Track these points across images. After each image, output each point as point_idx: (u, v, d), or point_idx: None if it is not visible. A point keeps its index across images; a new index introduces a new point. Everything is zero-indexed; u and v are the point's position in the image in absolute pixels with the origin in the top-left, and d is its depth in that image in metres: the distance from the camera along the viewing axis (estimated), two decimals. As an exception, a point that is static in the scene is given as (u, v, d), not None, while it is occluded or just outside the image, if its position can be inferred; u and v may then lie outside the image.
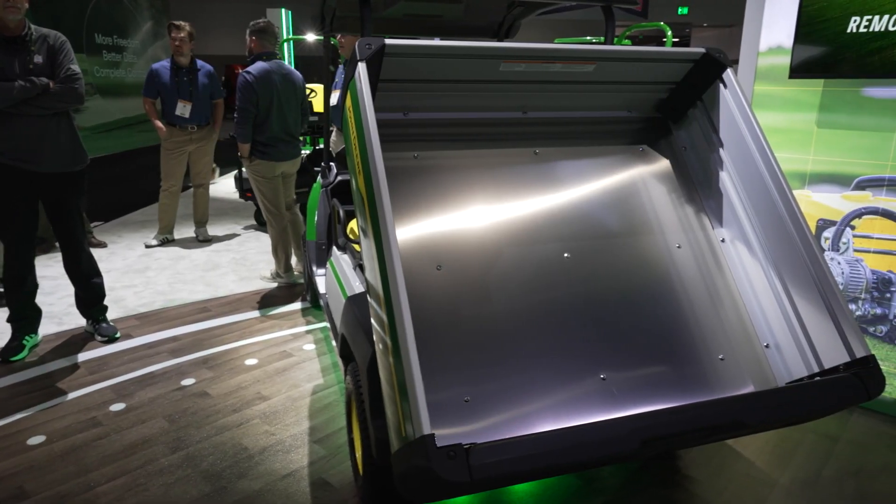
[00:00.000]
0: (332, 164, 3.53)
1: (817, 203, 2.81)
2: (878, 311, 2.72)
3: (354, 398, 2.06)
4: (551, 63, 1.92)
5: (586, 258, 1.92)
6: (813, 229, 2.82)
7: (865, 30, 2.49)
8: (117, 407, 2.78)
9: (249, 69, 3.94)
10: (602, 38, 2.66)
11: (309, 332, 3.61)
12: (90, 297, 3.43)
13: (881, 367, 1.61)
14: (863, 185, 2.69)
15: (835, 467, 2.38)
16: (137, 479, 2.27)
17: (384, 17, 3.02)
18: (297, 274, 4.46)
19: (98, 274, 3.43)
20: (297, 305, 4.02)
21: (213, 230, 5.86)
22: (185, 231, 5.77)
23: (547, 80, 2.00)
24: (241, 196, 6.19)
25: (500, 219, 1.92)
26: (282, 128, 4.10)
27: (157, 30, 7.88)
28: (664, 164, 2.17)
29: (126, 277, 4.54)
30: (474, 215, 1.90)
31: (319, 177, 3.70)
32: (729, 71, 2.01)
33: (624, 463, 2.36)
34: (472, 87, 1.98)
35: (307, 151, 6.44)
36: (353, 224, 3.08)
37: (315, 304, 3.98)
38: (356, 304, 2.11)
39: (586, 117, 2.19)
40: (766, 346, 1.89)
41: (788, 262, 1.83)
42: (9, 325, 3.30)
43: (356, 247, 2.78)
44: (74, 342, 3.45)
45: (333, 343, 3.04)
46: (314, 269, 3.59)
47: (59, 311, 3.86)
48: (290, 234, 4.31)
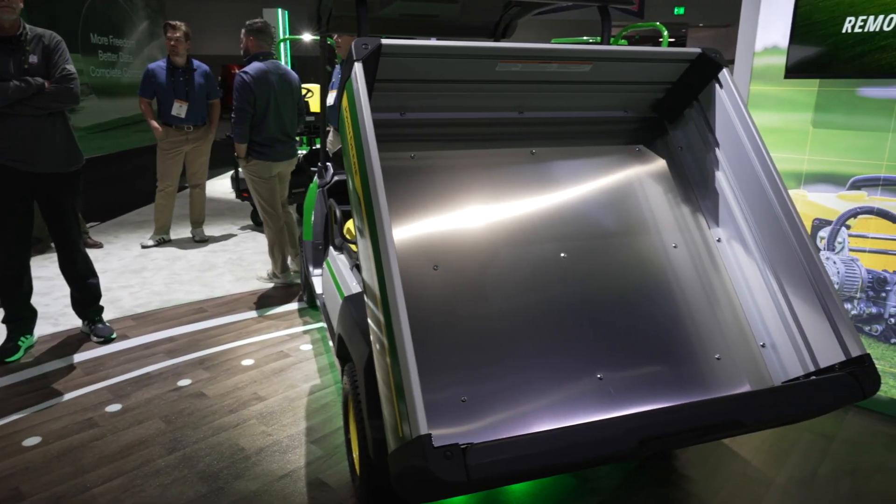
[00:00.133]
0: (328, 164, 3.53)
1: (813, 203, 2.82)
2: (874, 310, 2.73)
3: (351, 398, 2.06)
4: (548, 63, 1.92)
5: (583, 258, 1.92)
6: (809, 229, 2.83)
7: (860, 30, 2.50)
8: (113, 408, 2.77)
9: (246, 69, 3.93)
10: (598, 38, 2.67)
11: (306, 332, 3.61)
12: (86, 297, 3.42)
13: (876, 366, 1.62)
14: (858, 185, 2.70)
15: (830, 466, 2.39)
16: (134, 480, 2.27)
17: (380, 16, 3.02)
18: (293, 274, 4.46)
19: (94, 274, 3.43)
20: (293, 306, 4.01)
21: (210, 230, 5.85)
22: (182, 231, 5.75)
23: (543, 80, 2.00)
24: (237, 196, 6.18)
25: (497, 219, 1.92)
26: (278, 128, 4.09)
27: (152, 29, 7.86)
28: (660, 163, 2.18)
29: (122, 278, 4.53)
30: (471, 215, 1.90)
31: (316, 177, 3.69)
32: (725, 71, 2.01)
33: (621, 462, 2.36)
34: (469, 87, 1.98)
35: (304, 151, 6.43)
36: (349, 224, 3.07)
37: (312, 305, 3.97)
38: (353, 304, 2.11)
39: (583, 117, 2.19)
40: (763, 346, 1.89)
41: (784, 261, 1.83)
42: (4, 326, 3.29)
43: (353, 247, 2.78)
44: (70, 343, 3.44)
45: (330, 343, 3.04)
46: (311, 269, 3.59)
47: (54, 312, 3.85)
48: (286, 234, 4.30)
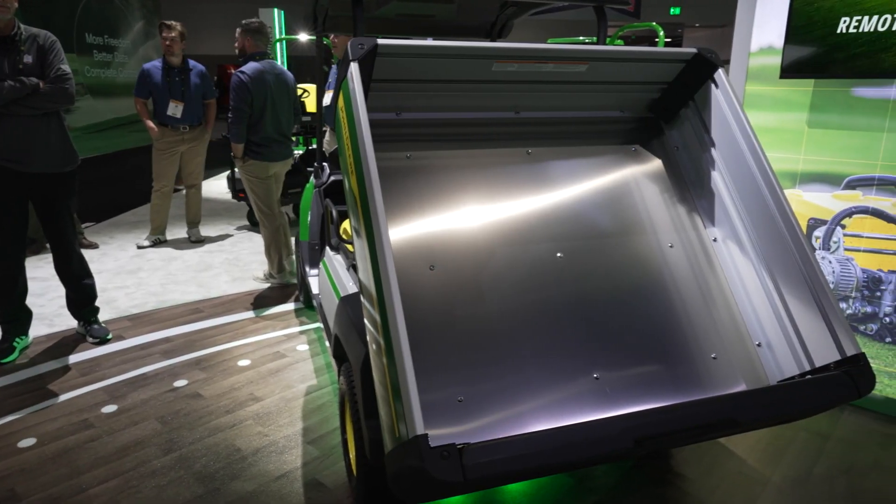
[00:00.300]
0: (325, 164, 3.53)
1: (808, 202, 2.83)
2: (869, 309, 2.74)
3: (348, 399, 2.06)
4: (544, 63, 1.92)
5: (579, 258, 1.92)
6: (804, 228, 2.84)
7: (855, 30, 2.51)
8: (109, 409, 2.76)
9: (243, 69, 3.93)
10: (595, 39, 2.67)
11: (302, 332, 3.60)
12: (81, 298, 3.41)
13: (871, 365, 1.62)
14: (853, 185, 2.70)
15: (826, 465, 2.40)
16: (130, 480, 2.26)
17: (377, 16, 3.02)
18: (289, 274, 4.45)
19: (89, 275, 3.41)
20: (290, 306, 4.01)
21: (206, 231, 5.84)
22: (178, 232, 5.74)
23: (539, 80, 2.01)
24: (233, 196, 6.17)
25: (493, 219, 1.92)
26: (275, 128, 4.09)
27: (148, 29, 7.84)
28: (656, 163, 2.18)
29: (118, 278, 4.52)
30: (467, 215, 1.91)
31: (312, 177, 3.69)
32: (720, 71, 2.02)
33: (617, 462, 2.37)
34: (465, 87, 1.98)
35: (300, 152, 6.43)
36: (346, 224, 3.07)
37: (308, 305, 3.97)
38: (349, 304, 2.11)
39: (579, 117, 2.19)
40: (758, 345, 1.90)
41: (780, 261, 1.84)
42: (-1, 327, 3.28)
43: (349, 247, 2.78)
44: (66, 344, 3.43)
45: (327, 343, 3.04)
46: (307, 269, 3.58)
47: (49, 313, 3.84)
48: (282, 234, 4.30)
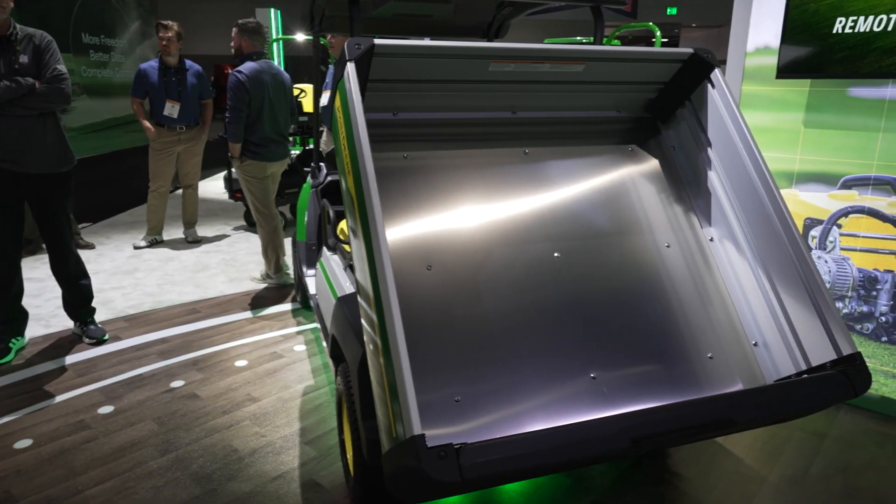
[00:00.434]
0: (322, 164, 3.52)
1: (804, 202, 2.84)
2: (865, 308, 2.75)
3: (345, 399, 2.05)
4: (540, 63, 1.92)
5: (576, 258, 1.92)
6: (800, 228, 2.85)
7: (851, 31, 2.51)
8: (106, 409, 2.75)
9: (240, 69, 3.92)
10: (591, 39, 2.67)
11: (299, 333, 3.60)
12: (78, 298, 3.41)
13: (867, 365, 1.63)
14: (849, 185, 2.71)
15: (822, 464, 2.40)
16: (126, 482, 2.26)
17: (373, 16, 3.02)
18: (286, 275, 4.45)
19: (86, 275, 3.41)
20: (287, 306, 4.00)
21: (203, 231, 5.83)
22: (174, 232, 5.73)
23: (536, 80, 2.01)
24: (230, 197, 6.16)
25: (490, 219, 1.92)
26: (273, 128, 4.09)
27: (144, 29, 7.83)
28: (653, 163, 2.18)
29: (114, 279, 4.51)
30: (464, 215, 1.91)
31: (309, 177, 3.69)
32: (717, 71, 2.02)
33: (614, 461, 2.37)
34: (462, 87, 1.98)
35: (297, 152, 6.42)
36: (343, 224, 3.07)
37: (305, 305, 3.96)
38: (346, 304, 2.11)
39: (576, 117, 2.19)
40: (755, 345, 1.90)
41: (776, 260, 1.84)
42: (-5, 328, 3.27)
43: (346, 247, 2.77)
44: (62, 344, 3.42)
45: (324, 344, 3.03)
46: (304, 269, 3.58)
47: (46, 313, 3.83)
48: (280, 234, 4.29)
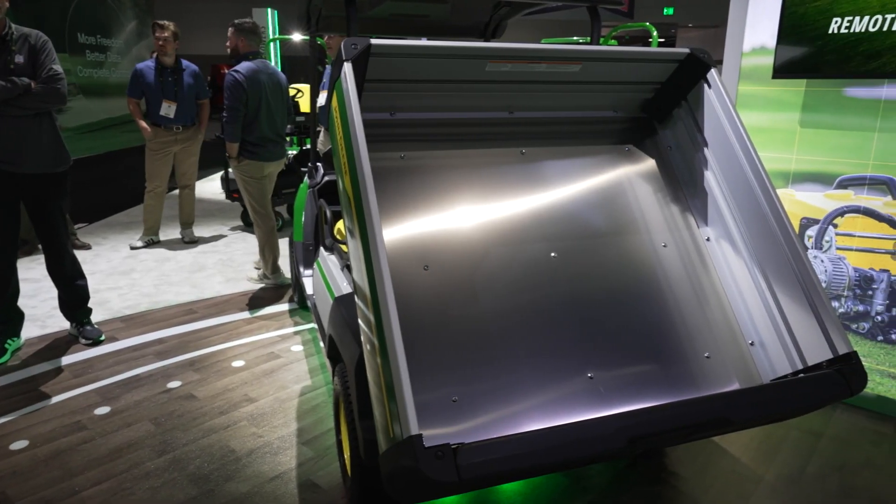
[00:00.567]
0: (319, 164, 3.52)
1: (800, 202, 2.85)
2: (861, 308, 2.76)
3: (342, 399, 2.05)
4: (537, 63, 1.92)
5: (573, 258, 1.93)
6: (796, 228, 2.85)
7: (847, 31, 2.52)
8: (102, 410, 2.75)
9: (237, 68, 3.92)
10: (588, 39, 2.68)
11: (296, 333, 3.59)
12: (74, 299, 3.40)
13: (863, 364, 1.63)
14: (845, 184, 2.72)
15: (818, 463, 2.41)
16: (123, 483, 2.25)
17: (370, 16, 3.02)
18: (283, 275, 4.44)
19: (82, 276, 3.40)
20: (284, 306, 4.00)
21: (200, 231, 5.82)
22: (171, 232, 5.72)
23: (533, 80, 2.01)
24: (227, 197, 6.15)
25: (487, 219, 1.92)
26: (271, 128, 4.09)
27: (141, 29, 7.81)
28: (650, 163, 2.19)
29: (111, 279, 4.50)
30: (461, 215, 1.91)
31: (306, 177, 3.68)
32: (713, 71, 2.03)
33: (611, 461, 2.37)
34: (459, 87, 1.98)
35: (294, 152, 6.41)
36: (340, 224, 3.07)
37: (302, 305, 3.96)
38: (344, 304, 2.11)
39: (572, 117, 2.20)
40: (751, 344, 1.91)
41: (772, 260, 1.84)
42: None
43: (343, 247, 2.77)
44: (58, 345, 3.41)
45: (321, 344, 3.03)
46: (301, 269, 3.58)
47: (42, 314, 3.81)
48: (276, 234, 4.29)
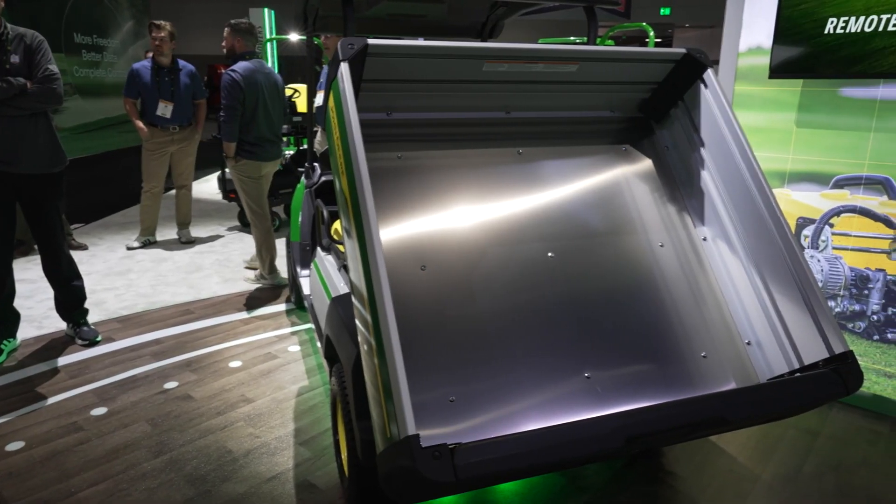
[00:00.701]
0: (316, 164, 3.52)
1: (797, 201, 2.85)
2: (857, 307, 2.77)
3: (340, 399, 2.05)
4: (534, 63, 1.92)
5: (570, 257, 1.93)
6: (793, 227, 2.86)
7: (842, 31, 2.53)
8: (99, 411, 2.74)
9: (234, 68, 3.92)
10: (585, 39, 2.68)
11: (294, 333, 3.59)
12: (70, 300, 3.39)
13: (859, 363, 1.64)
14: (841, 184, 2.73)
15: (815, 462, 2.42)
16: (120, 484, 2.25)
17: (367, 16, 3.01)
18: (280, 276, 4.44)
19: (78, 276, 3.39)
20: (281, 307, 3.99)
21: (196, 232, 5.80)
22: (168, 233, 5.71)
23: (530, 80, 2.01)
24: (224, 197, 6.13)
25: (484, 219, 1.92)
26: (269, 128, 4.10)
27: (137, 29, 7.80)
28: (647, 163, 2.19)
29: (107, 280, 4.49)
30: (458, 215, 1.91)
31: (303, 177, 3.68)
32: (709, 71, 2.03)
33: (608, 461, 2.37)
34: (456, 87, 1.98)
35: (291, 152, 6.40)
36: (337, 225, 3.06)
37: (299, 306, 3.95)
38: (341, 305, 2.11)
39: (569, 117, 2.20)
40: (748, 344, 1.91)
41: (769, 259, 1.85)
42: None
43: (340, 247, 2.77)
44: (54, 346, 3.40)
45: (318, 344, 3.03)
46: (299, 270, 3.57)
47: (38, 315, 3.80)
48: (273, 234, 4.28)
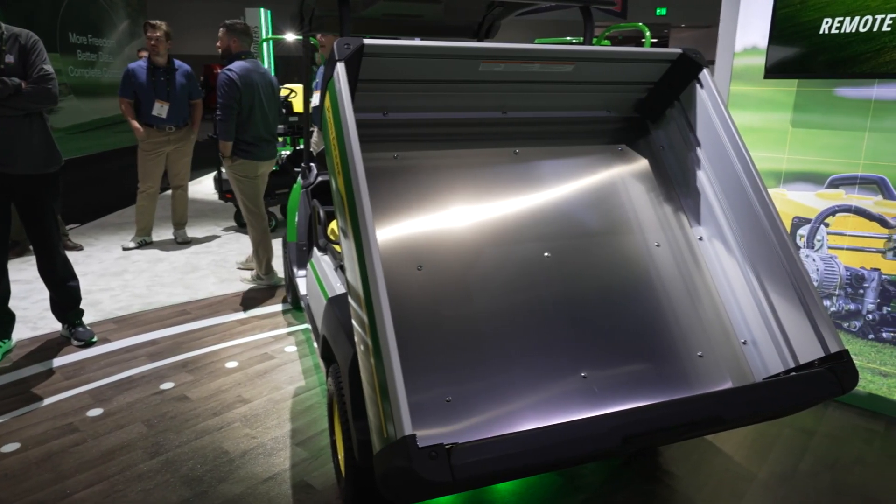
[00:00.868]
0: (312, 164, 3.51)
1: (792, 201, 2.86)
2: (852, 306, 2.78)
3: (336, 400, 2.05)
4: (530, 63, 1.92)
5: (566, 257, 1.93)
6: (788, 227, 2.87)
7: (837, 31, 2.54)
8: (95, 412, 2.73)
9: (231, 67, 3.93)
10: (581, 39, 2.68)
11: (290, 333, 3.58)
12: (65, 300, 3.37)
13: (854, 362, 1.64)
14: (836, 184, 2.74)
15: (811, 461, 2.43)
16: (116, 485, 2.24)
17: (363, 16, 3.01)
18: (278, 276, 4.43)
19: (74, 277, 3.38)
20: (277, 307, 3.99)
21: (193, 232, 5.79)
22: (164, 233, 5.69)
23: (526, 80, 2.01)
24: (220, 197, 6.13)
25: (481, 219, 1.92)
26: (265, 127, 4.12)
27: (133, 29, 7.78)
28: (643, 163, 2.19)
29: (103, 280, 4.47)
30: (455, 215, 1.91)
31: (300, 178, 3.68)
32: (705, 71, 2.04)
33: (605, 460, 2.38)
34: (452, 87, 1.98)
35: (287, 152, 6.40)
36: (333, 225, 3.06)
37: (296, 306, 3.95)
38: (337, 305, 2.11)
39: (565, 117, 2.20)
40: (744, 343, 1.91)
41: (764, 259, 1.85)
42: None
43: (337, 248, 2.77)
44: (50, 347, 3.39)
45: (315, 345, 3.02)
46: (295, 270, 3.57)
47: (33, 316, 3.79)
48: (270, 234, 4.28)
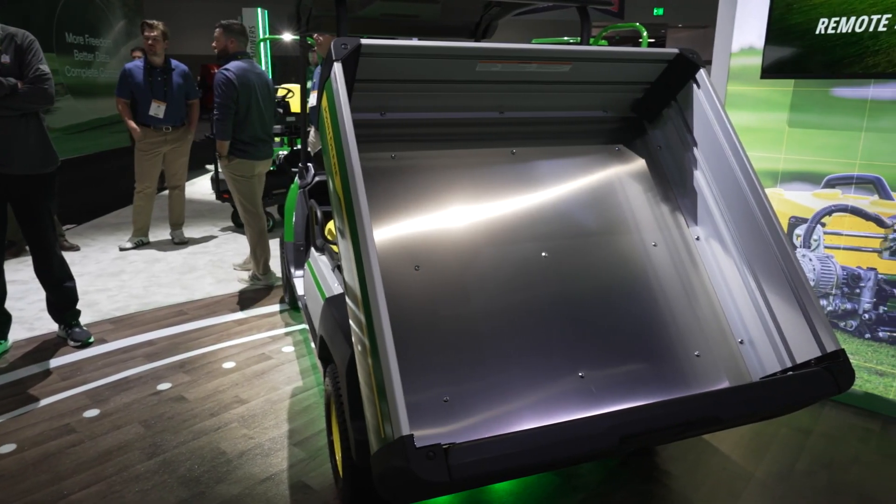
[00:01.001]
0: (309, 164, 3.51)
1: (789, 201, 2.87)
2: (848, 306, 2.78)
3: (334, 400, 2.05)
4: (528, 63, 1.93)
5: (564, 257, 1.93)
6: (785, 227, 2.88)
7: (833, 31, 2.54)
8: (91, 413, 2.72)
9: (228, 66, 3.93)
10: (578, 39, 2.68)
11: (287, 334, 3.58)
12: (62, 301, 3.37)
13: (851, 361, 1.65)
14: (832, 183, 2.74)
15: (808, 460, 2.43)
16: (113, 486, 2.23)
17: (361, 16, 3.01)
18: (275, 276, 4.43)
19: (70, 278, 3.37)
20: (275, 307, 3.98)
21: (190, 232, 5.78)
22: (161, 234, 5.68)
23: (523, 80, 2.01)
24: (217, 197, 6.12)
25: (478, 219, 1.92)
26: (262, 127, 4.13)
27: (130, 29, 7.76)
28: (640, 163, 2.20)
29: (99, 281, 4.46)
30: (452, 215, 1.91)
31: (297, 178, 3.67)
32: (702, 71, 2.04)
33: (602, 460, 2.38)
34: (449, 87, 1.98)
35: (285, 152, 6.39)
36: (330, 225, 3.06)
37: (293, 306, 3.95)
38: (334, 305, 2.10)
39: (563, 117, 2.20)
40: (741, 342, 1.92)
41: (761, 259, 1.86)
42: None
43: (334, 248, 2.77)
44: (46, 348, 3.38)
45: (312, 345, 3.02)
46: (292, 270, 3.57)
47: (29, 316, 3.78)
48: (267, 234, 4.28)
